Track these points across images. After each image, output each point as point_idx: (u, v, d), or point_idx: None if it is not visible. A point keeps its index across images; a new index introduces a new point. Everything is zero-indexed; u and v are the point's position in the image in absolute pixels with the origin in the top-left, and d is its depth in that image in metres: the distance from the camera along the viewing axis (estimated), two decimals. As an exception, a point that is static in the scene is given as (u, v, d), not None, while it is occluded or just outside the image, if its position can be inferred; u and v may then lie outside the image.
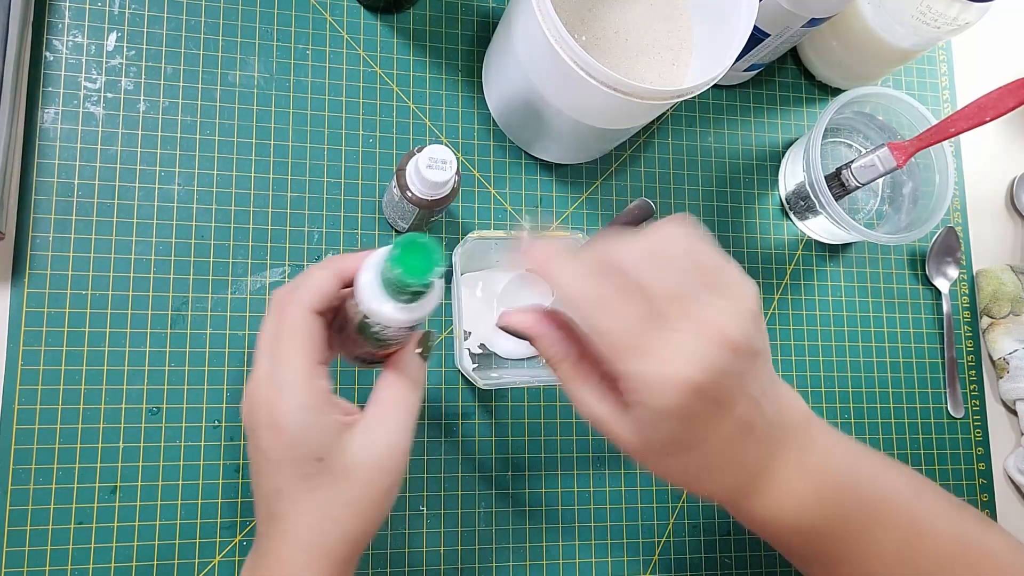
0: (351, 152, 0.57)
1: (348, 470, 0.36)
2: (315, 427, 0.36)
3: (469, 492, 0.55)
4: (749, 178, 0.65)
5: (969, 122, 0.56)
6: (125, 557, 0.49)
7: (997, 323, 0.66)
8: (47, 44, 0.53)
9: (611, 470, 0.58)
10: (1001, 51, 0.74)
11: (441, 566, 0.54)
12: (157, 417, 0.51)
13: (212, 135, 0.55)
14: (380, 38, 0.60)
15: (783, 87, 0.68)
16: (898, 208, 0.66)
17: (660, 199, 0.63)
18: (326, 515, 0.36)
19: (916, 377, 0.66)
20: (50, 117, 0.52)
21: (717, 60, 0.49)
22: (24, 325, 0.50)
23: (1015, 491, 0.66)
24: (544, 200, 0.61)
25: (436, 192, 0.48)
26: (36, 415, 0.49)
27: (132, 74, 0.54)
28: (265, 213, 0.55)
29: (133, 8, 0.55)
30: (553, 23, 0.45)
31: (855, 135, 0.67)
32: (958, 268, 0.68)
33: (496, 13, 0.62)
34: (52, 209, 0.51)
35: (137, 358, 0.51)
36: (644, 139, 0.64)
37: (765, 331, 0.36)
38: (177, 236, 0.53)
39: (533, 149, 0.60)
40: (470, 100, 0.60)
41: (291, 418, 0.35)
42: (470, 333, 0.57)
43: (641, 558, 0.57)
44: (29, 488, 0.49)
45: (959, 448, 0.65)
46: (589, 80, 0.46)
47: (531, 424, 0.57)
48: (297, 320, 0.37)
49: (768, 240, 0.65)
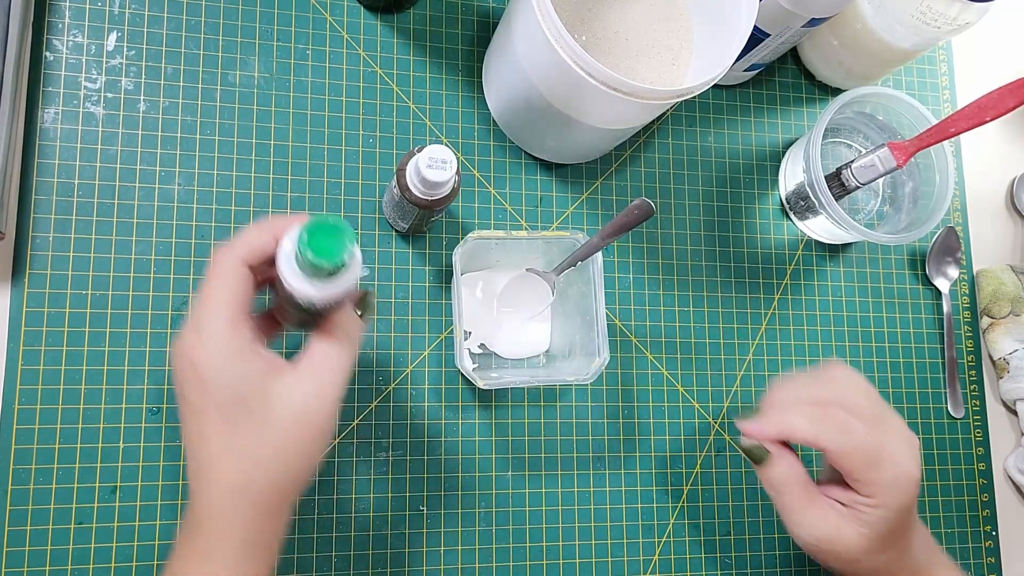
0: (351, 152, 0.57)
1: (272, 416, 0.37)
2: (237, 373, 0.36)
3: (469, 492, 0.55)
4: (749, 178, 0.65)
5: (969, 122, 0.56)
6: (125, 557, 0.49)
7: (997, 323, 0.66)
8: (47, 44, 0.53)
9: (611, 470, 0.58)
10: (1001, 51, 0.74)
11: (441, 566, 0.54)
12: (157, 417, 0.51)
13: (212, 135, 0.55)
14: (380, 38, 0.60)
15: (783, 87, 0.68)
16: (898, 208, 0.66)
17: (660, 199, 0.63)
18: (250, 458, 0.37)
19: (916, 377, 0.66)
20: (50, 117, 0.52)
21: (717, 60, 0.49)
22: (24, 325, 0.50)
23: (1015, 491, 0.66)
24: (544, 200, 0.61)
25: (436, 192, 0.48)
26: (36, 415, 0.49)
27: (132, 74, 0.54)
28: (265, 213, 0.55)
29: (133, 8, 0.55)
30: (553, 23, 0.45)
31: (855, 135, 0.67)
32: (958, 268, 0.68)
33: (496, 13, 0.62)
34: (52, 209, 0.51)
35: (137, 358, 0.51)
36: (644, 139, 0.64)
37: None
38: (177, 236, 0.53)
39: (533, 149, 0.60)
40: (470, 100, 0.60)
41: (211, 363, 0.36)
42: (470, 333, 0.57)
43: (641, 558, 0.57)
44: (29, 488, 0.49)
45: (959, 448, 0.65)
46: (589, 80, 0.46)
47: (531, 424, 0.57)
48: (225, 269, 0.37)
49: (768, 240, 0.65)
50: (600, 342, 0.52)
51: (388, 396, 0.55)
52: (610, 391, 0.59)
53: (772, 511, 0.60)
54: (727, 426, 0.61)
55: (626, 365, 0.60)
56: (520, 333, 0.58)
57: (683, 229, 0.63)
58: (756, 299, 0.63)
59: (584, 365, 0.53)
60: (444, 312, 0.57)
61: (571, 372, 0.53)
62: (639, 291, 0.61)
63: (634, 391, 0.60)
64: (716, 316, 0.62)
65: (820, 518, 0.46)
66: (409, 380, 0.56)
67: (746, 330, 0.63)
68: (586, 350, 0.53)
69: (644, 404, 0.60)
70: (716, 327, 0.62)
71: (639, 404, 0.59)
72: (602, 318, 0.52)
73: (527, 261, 0.57)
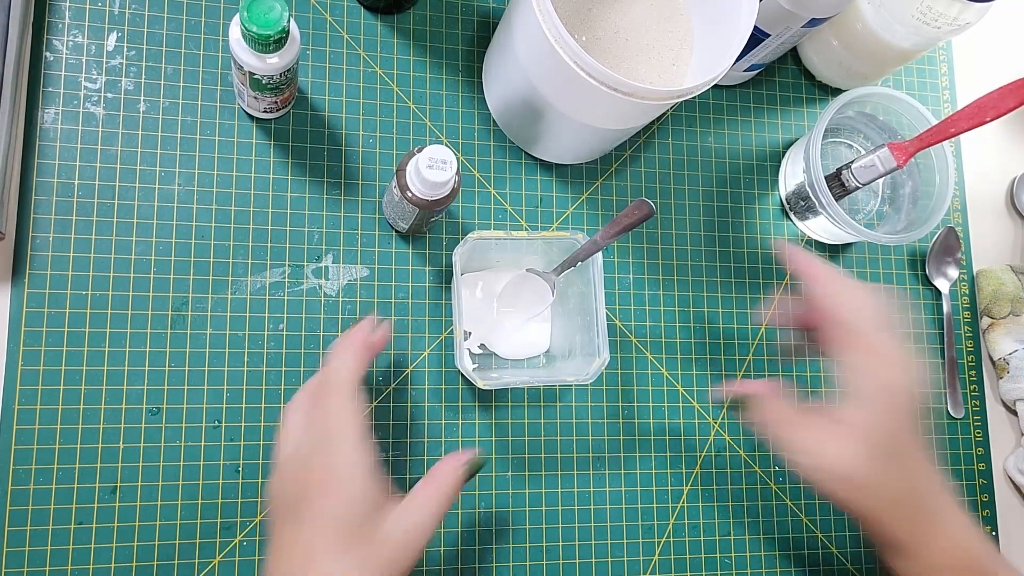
0: (351, 152, 0.57)
1: (381, 541, 0.39)
2: (365, 491, 0.40)
3: (469, 492, 0.55)
4: (749, 178, 0.65)
5: (969, 122, 0.56)
6: (125, 557, 0.49)
7: (997, 323, 0.66)
8: (47, 44, 0.53)
9: (611, 470, 0.58)
10: (1001, 51, 0.74)
11: (441, 566, 0.54)
12: (157, 417, 0.51)
13: (212, 135, 0.55)
14: (380, 38, 0.59)
15: (783, 87, 0.68)
16: (898, 208, 0.66)
17: (660, 199, 0.63)
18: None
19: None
20: (50, 117, 0.52)
21: (717, 60, 0.49)
22: (24, 325, 0.50)
23: (1015, 491, 0.66)
24: (544, 200, 0.61)
25: (436, 192, 0.48)
26: (36, 415, 0.49)
27: (132, 74, 0.54)
28: (265, 213, 0.55)
29: (133, 8, 0.55)
30: (553, 23, 0.45)
31: (855, 135, 0.67)
32: (958, 268, 0.68)
33: (496, 13, 0.62)
34: (52, 209, 0.51)
35: (137, 358, 0.51)
36: (644, 139, 0.64)
37: None
38: (177, 236, 0.53)
39: (533, 149, 0.60)
40: (470, 100, 0.60)
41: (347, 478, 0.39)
42: (470, 333, 0.57)
43: (641, 558, 0.57)
44: (29, 488, 0.49)
45: (959, 448, 0.65)
46: (589, 80, 0.46)
47: (531, 424, 0.57)
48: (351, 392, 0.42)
49: (768, 240, 0.65)
50: (600, 342, 0.52)
51: (388, 396, 0.55)
52: (610, 391, 0.59)
53: (772, 511, 0.60)
54: (727, 426, 0.61)
55: (626, 365, 0.60)
56: (520, 333, 0.58)
57: (683, 229, 0.63)
58: (756, 299, 0.63)
59: (584, 365, 0.53)
60: (444, 312, 0.57)
61: (571, 372, 0.53)
62: (639, 291, 0.61)
63: (634, 391, 0.60)
64: (716, 316, 0.62)
65: (814, 439, 0.46)
66: (409, 380, 0.56)
67: (746, 330, 0.63)
68: (586, 350, 0.53)
69: (644, 404, 0.60)
70: (716, 327, 0.62)
71: (639, 404, 0.59)
72: (602, 318, 0.52)
73: (527, 261, 0.57)
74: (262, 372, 0.53)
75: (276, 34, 0.44)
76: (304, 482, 0.40)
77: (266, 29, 0.43)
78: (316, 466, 0.40)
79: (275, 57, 0.47)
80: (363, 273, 0.56)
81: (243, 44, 0.46)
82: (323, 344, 0.55)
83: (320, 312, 0.55)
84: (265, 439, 0.53)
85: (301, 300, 0.55)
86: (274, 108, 0.54)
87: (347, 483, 0.39)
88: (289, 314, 0.54)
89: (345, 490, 0.39)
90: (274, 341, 0.54)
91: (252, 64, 0.47)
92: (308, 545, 0.39)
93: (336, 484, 0.39)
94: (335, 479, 0.39)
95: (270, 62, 0.47)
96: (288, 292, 0.55)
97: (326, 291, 0.55)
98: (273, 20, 0.43)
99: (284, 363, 0.54)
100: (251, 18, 0.43)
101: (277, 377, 0.53)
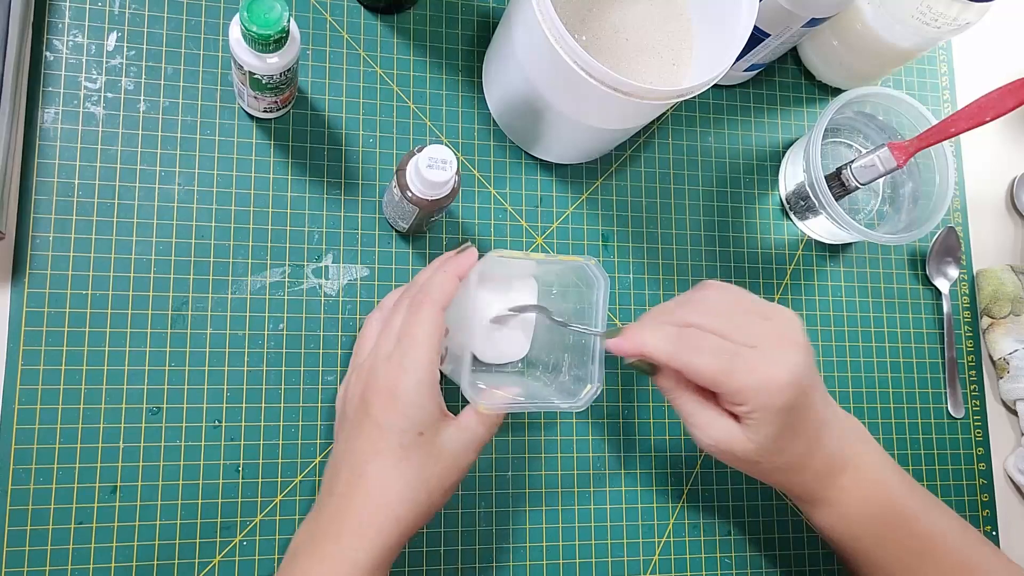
0: (351, 152, 0.57)
1: (435, 453, 0.43)
2: (426, 406, 0.42)
3: (469, 492, 0.55)
4: (749, 178, 0.65)
5: (969, 122, 0.56)
6: (125, 557, 0.49)
7: (997, 323, 0.66)
8: (47, 44, 0.53)
9: (611, 471, 0.58)
10: (1001, 51, 0.74)
11: (441, 566, 0.54)
12: (157, 417, 0.51)
13: (212, 135, 0.55)
14: (380, 38, 0.60)
15: (783, 87, 0.68)
16: (898, 208, 0.66)
17: (660, 199, 0.63)
18: (410, 485, 0.42)
19: (916, 377, 0.66)
20: (50, 117, 0.52)
21: (717, 60, 0.49)
22: (24, 325, 0.50)
23: (1015, 491, 0.66)
24: (544, 200, 0.61)
25: (436, 192, 0.48)
26: (36, 415, 0.49)
27: (132, 74, 0.54)
28: (265, 213, 0.55)
29: (133, 8, 0.55)
30: (553, 23, 0.45)
31: (855, 135, 0.67)
32: (958, 268, 0.68)
33: (496, 13, 0.62)
34: (52, 209, 0.51)
35: (137, 358, 0.51)
36: (644, 139, 0.64)
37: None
38: (177, 236, 0.53)
39: (533, 149, 0.60)
40: (470, 100, 0.60)
41: (411, 391, 0.42)
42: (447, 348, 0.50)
43: (641, 558, 0.57)
44: (29, 488, 0.49)
45: (959, 448, 0.65)
46: (589, 80, 0.46)
47: (531, 424, 0.57)
48: (431, 315, 0.43)
49: (768, 240, 0.65)
50: (595, 369, 0.48)
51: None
52: (610, 391, 0.59)
53: (772, 511, 0.60)
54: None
55: (626, 365, 0.59)
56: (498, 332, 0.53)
57: (683, 229, 0.63)
58: (756, 299, 0.63)
59: (572, 385, 0.49)
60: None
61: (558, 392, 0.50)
62: (639, 291, 0.61)
63: (634, 391, 0.60)
64: (716, 316, 0.62)
65: (713, 421, 0.45)
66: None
67: (746, 330, 0.62)
68: (576, 372, 0.50)
69: (644, 404, 0.60)
70: (716, 327, 0.62)
71: (639, 404, 0.59)
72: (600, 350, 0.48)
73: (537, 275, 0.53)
74: (262, 372, 0.53)
75: (276, 34, 0.44)
76: (372, 390, 0.43)
77: (266, 29, 0.44)
78: (383, 376, 0.43)
79: (275, 57, 0.47)
80: (363, 273, 0.56)
81: (243, 44, 0.46)
82: (323, 344, 0.55)
83: (320, 312, 0.55)
84: (265, 439, 0.53)
85: (301, 300, 0.55)
86: (274, 108, 0.54)
87: (410, 401, 0.42)
88: (289, 314, 0.54)
89: (407, 407, 0.42)
90: (274, 341, 0.54)
91: (252, 64, 0.47)
92: (368, 448, 0.42)
93: (399, 401, 0.42)
94: (399, 395, 0.42)
95: (270, 62, 0.47)
96: (288, 292, 0.55)
97: (326, 291, 0.55)
98: (273, 20, 0.44)
99: (284, 363, 0.54)
100: (251, 18, 0.43)
101: (277, 377, 0.53)
